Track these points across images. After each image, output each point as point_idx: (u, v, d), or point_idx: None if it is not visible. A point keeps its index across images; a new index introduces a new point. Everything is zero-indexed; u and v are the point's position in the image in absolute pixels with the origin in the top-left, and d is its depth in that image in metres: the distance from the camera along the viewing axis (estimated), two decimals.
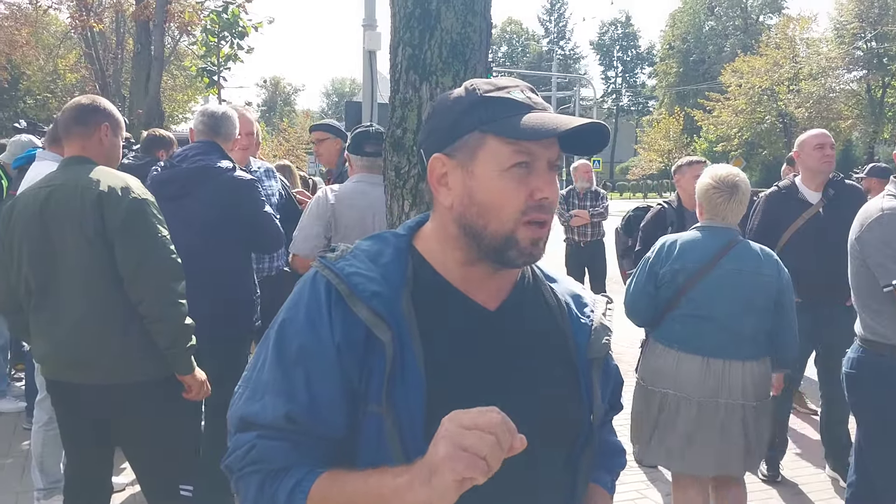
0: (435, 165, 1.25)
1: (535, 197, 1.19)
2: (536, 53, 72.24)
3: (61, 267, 2.69)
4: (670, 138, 43.02)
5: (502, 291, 1.29)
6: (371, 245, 1.28)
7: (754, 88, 37.72)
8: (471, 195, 1.21)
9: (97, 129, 2.84)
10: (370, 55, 10.46)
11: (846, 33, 38.46)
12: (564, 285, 1.40)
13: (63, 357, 2.72)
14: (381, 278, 1.21)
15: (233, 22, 12.25)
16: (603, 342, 1.34)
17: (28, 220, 2.73)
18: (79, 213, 2.66)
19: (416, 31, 2.59)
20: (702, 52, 57.12)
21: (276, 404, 1.18)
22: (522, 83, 1.26)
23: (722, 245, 3.16)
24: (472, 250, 1.23)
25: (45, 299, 2.73)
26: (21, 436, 5.08)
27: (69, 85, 33.21)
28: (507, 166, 1.19)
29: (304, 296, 1.23)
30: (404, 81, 2.66)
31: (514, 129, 1.17)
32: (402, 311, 1.19)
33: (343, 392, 1.18)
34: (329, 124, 5.37)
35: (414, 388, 1.16)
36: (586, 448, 1.32)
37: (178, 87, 32.24)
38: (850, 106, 37.83)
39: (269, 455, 1.17)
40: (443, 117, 1.26)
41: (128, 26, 23.60)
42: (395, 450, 1.14)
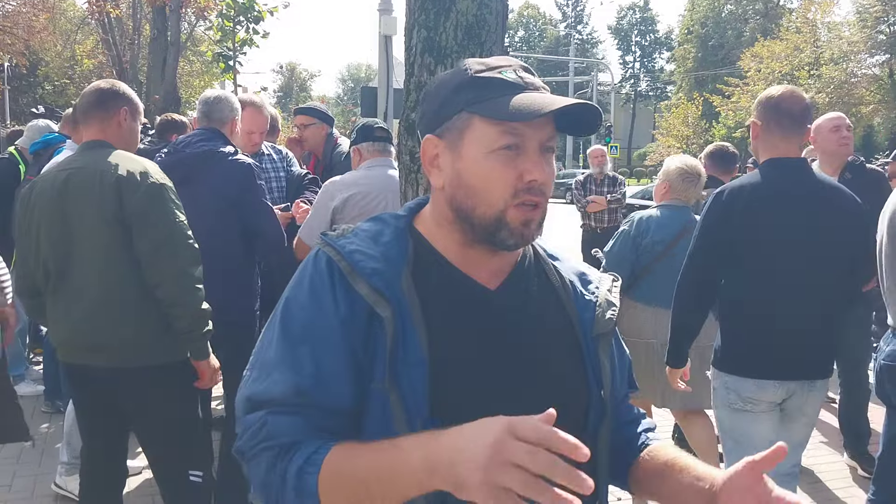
0: (427, 147, 1.24)
1: (524, 179, 1.17)
2: (554, 38, 71.75)
3: (79, 250, 2.70)
4: (689, 124, 42.65)
5: (503, 271, 1.28)
6: (371, 226, 1.27)
7: (774, 73, 37.25)
8: (459, 177, 1.20)
9: (116, 113, 2.85)
10: (386, 40, 10.43)
11: (868, 17, 37.83)
12: (568, 263, 1.39)
13: (79, 340, 2.73)
14: (382, 256, 1.20)
15: (248, 6, 12.22)
16: (608, 317, 1.32)
17: (47, 203, 2.75)
18: (98, 196, 2.66)
19: (431, 13, 2.57)
20: (721, 37, 56.49)
21: (283, 379, 1.16)
22: (516, 62, 1.23)
23: (686, 219, 3.80)
24: (467, 232, 1.23)
25: (63, 282, 2.74)
26: (39, 419, 5.13)
27: (86, 71, 33.35)
28: (495, 148, 1.17)
29: (308, 272, 1.23)
30: (419, 64, 2.64)
31: (499, 109, 1.15)
32: (403, 288, 1.18)
33: (349, 365, 1.16)
34: (315, 108, 5.22)
35: (416, 366, 1.15)
36: (601, 426, 1.30)
37: (195, 72, 32.31)
38: (871, 91, 37.28)
39: (279, 430, 1.14)
40: (434, 99, 1.25)
41: (144, 12, 23.60)
42: (400, 428, 1.13)
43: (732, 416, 2.90)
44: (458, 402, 1.17)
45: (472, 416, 1.16)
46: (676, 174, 3.90)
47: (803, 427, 2.94)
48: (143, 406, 2.84)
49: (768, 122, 2.87)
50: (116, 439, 3.02)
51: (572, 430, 1.27)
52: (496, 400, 1.19)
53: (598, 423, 1.30)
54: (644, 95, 71.89)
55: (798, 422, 2.92)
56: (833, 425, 4.94)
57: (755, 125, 2.95)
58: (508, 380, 1.22)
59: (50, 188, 2.75)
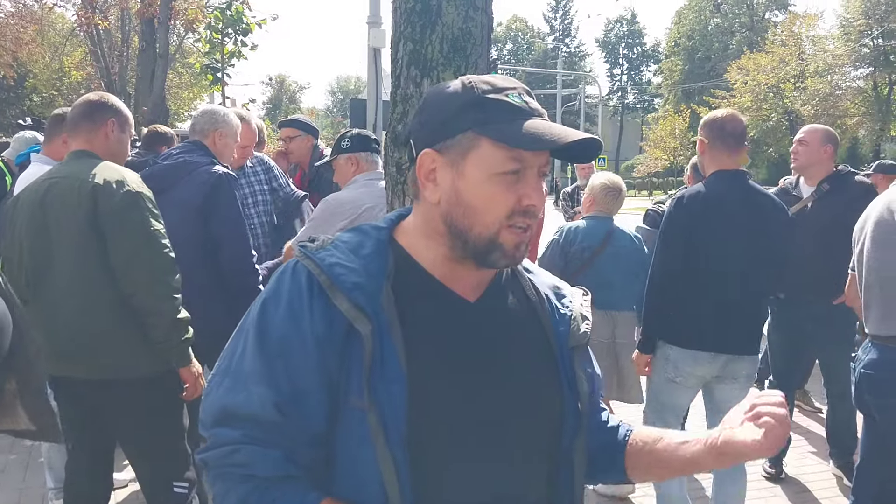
0: (424, 160, 1.24)
1: (522, 203, 1.20)
2: (542, 51, 72.12)
3: (57, 259, 2.70)
4: (676, 136, 42.92)
5: (482, 285, 1.30)
6: (352, 237, 1.27)
7: (760, 86, 37.62)
8: (458, 195, 1.21)
9: (104, 124, 2.87)
10: (375, 52, 10.45)
11: (852, 30, 38.26)
12: (542, 277, 1.41)
13: (59, 351, 2.71)
14: (363, 270, 1.20)
15: (236, 19, 12.25)
16: (582, 331, 1.35)
17: (28, 212, 2.76)
18: (75, 204, 2.67)
19: (416, 25, 2.58)
20: (707, 50, 56.95)
21: (262, 394, 1.16)
22: (520, 85, 1.24)
23: (608, 230, 4.30)
24: (458, 248, 1.23)
25: (41, 292, 2.74)
26: None
27: (75, 83, 33.26)
28: (500, 171, 1.18)
29: (286, 285, 1.22)
30: (405, 77, 2.65)
31: (514, 136, 1.17)
32: (383, 303, 1.18)
33: (322, 384, 1.17)
34: (299, 120, 5.22)
35: (395, 382, 1.15)
36: (577, 437, 1.32)
37: (184, 84, 32.29)
38: (856, 103, 37.66)
39: (255, 461, 1.15)
40: (437, 111, 1.24)
41: (133, 24, 23.60)
42: (379, 445, 1.14)
43: (664, 385, 3.42)
44: (437, 417, 1.18)
45: (450, 429, 1.18)
46: (600, 189, 4.39)
47: (738, 391, 3.32)
48: (127, 418, 2.82)
49: (714, 140, 3.36)
50: (102, 452, 3.00)
51: (547, 440, 1.30)
52: (474, 412, 1.21)
53: (574, 433, 1.32)
54: (631, 108, 72.30)
55: (731, 385, 3.38)
56: (820, 434, 4.97)
57: (702, 143, 3.43)
58: (486, 392, 1.23)
59: (32, 196, 2.76)
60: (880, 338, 2.98)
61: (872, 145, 40.71)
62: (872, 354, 3.00)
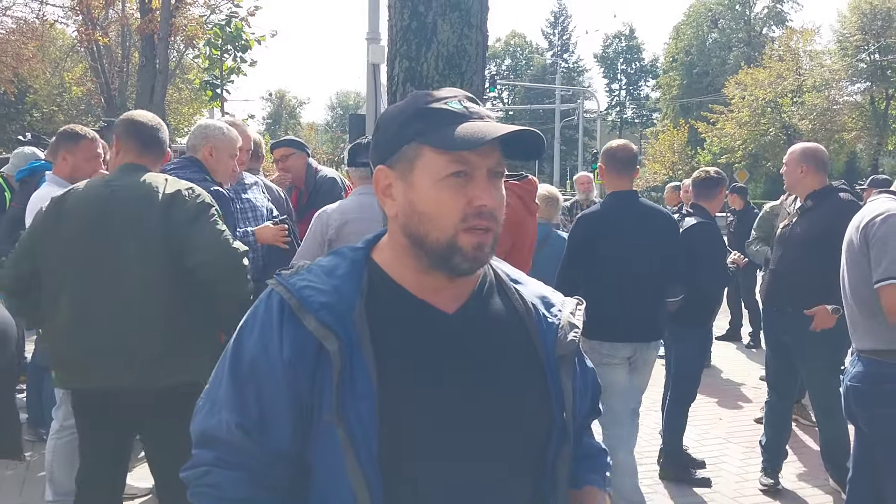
0: (379, 177, 1.28)
1: (473, 204, 1.21)
2: (540, 66, 72.38)
3: (122, 267, 2.74)
4: (675, 150, 43.01)
5: (462, 295, 1.31)
6: (329, 261, 1.31)
7: (758, 100, 37.72)
8: (412, 205, 1.24)
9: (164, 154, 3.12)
10: (374, 68, 10.52)
11: (849, 46, 38.46)
12: (531, 287, 1.41)
13: (107, 361, 2.73)
14: (333, 290, 1.23)
15: (236, 35, 12.32)
16: (570, 339, 1.34)
17: (84, 218, 2.80)
18: (145, 214, 2.75)
19: (412, 43, 2.61)
20: (705, 65, 57.17)
21: (230, 419, 1.24)
22: (462, 92, 1.28)
23: (546, 232, 4.88)
24: (422, 258, 1.25)
25: (94, 298, 2.75)
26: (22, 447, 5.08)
27: (75, 98, 33.36)
28: (443, 175, 1.21)
29: (259, 313, 1.27)
30: (401, 93, 2.68)
31: (446, 139, 1.20)
32: (354, 321, 1.20)
33: (291, 407, 1.21)
34: (292, 139, 5.28)
35: (365, 398, 1.17)
36: (562, 448, 1.32)
37: (184, 100, 32.40)
38: (853, 118, 37.80)
39: (224, 484, 1.24)
40: (385, 129, 1.29)
41: (133, 40, 23.72)
42: (349, 460, 1.16)
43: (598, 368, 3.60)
44: (411, 433, 1.19)
45: (426, 445, 1.19)
46: (540, 198, 4.59)
47: (645, 374, 4.06)
48: (166, 425, 2.83)
49: (608, 165, 4.05)
50: (120, 462, 3.02)
51: (533, 452, 1.30)
52: (453, 426, 1.22)
53: (560, 446, 1.32)
54: (630, 122, 72.48)
55: (641, 370, 4.01)
56: (816, 449, 4.96)
57: (601, 168, 4.12)
58: (467, 404, 1.24)
59: (90, 203, 2.82)
60: (865, 351, 3.05)
61: (870, 159, 40.85)
62: (859, 367, 3.07)
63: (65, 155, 3.79)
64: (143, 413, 2.85)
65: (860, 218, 3.11)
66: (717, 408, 6.42)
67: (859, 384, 3.05)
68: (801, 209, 4.40)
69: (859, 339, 3.09)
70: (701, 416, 6.04)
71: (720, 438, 5.61)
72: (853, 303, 3.12)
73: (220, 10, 14.66)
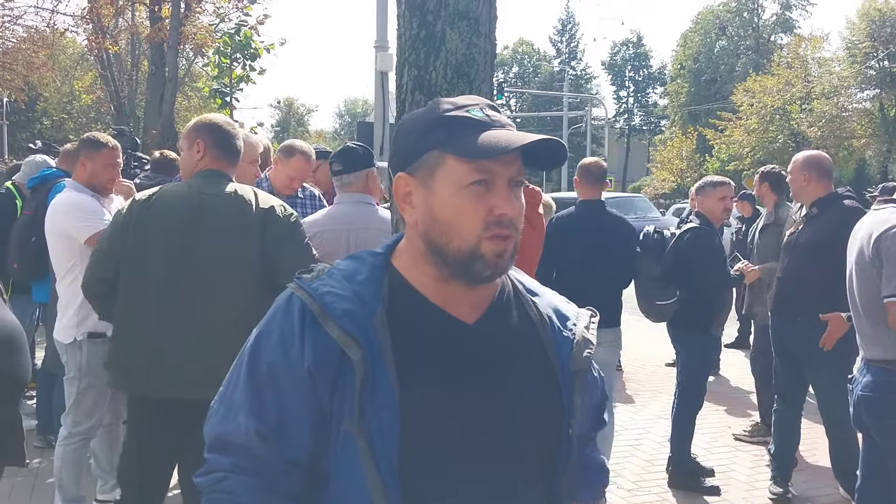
0: (399, 185, 1.27)
1: (494, 213, 1.20)
2: (548, 74, 72.39)
3: (205, 280, 2.75)
4: (683, 157, 42.93)
5: (480, 305, 1.30)
6: (348, 265, 1.29)
7: (766, 108, 37.63)
8: (432, 213, 1.23)
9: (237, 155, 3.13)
10: (382, 76, 10.55)
11: (858, 52, 38.33)
12: (547, 298, 1.40)
13: (192, 372, 2.68)
14: (355, 296, 1.22)
15: (245, 44, 12.37)
16: (584, 355, 1.34)
17: (173, 225, 2.81)
18: (240, 226, 2.78)
19: (421, 52, 2.63)
20: (713, 72, 57.08)
21: (248, 424, 1.22)
22: (483, 100, 1.28)
23: None
24: (441, 267, 1.24)
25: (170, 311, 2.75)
26: (31, 454, 5.09)
27: (85, 106, 33.58)
28: (465, 184, 1.20)
29: (278, 317, 1.25)
30: (410, 102, 2.69)
31: (469, 148, 1.19)
32: (376, 328, 1.20)
33: (310, 415, 1.20)
34: (318, 149, 5.24)
35: (386, 408, 1.16)
36: (571, 460, 1.32)
37: (193, 107, 32.54)
38: (863, 125, 37.63)
39: (240, 490, 1.22)
40: (406, 137, 1.28)
41: (143, 48, 23.88)
42: (368, 469, 1.15)
43: None
44: (431, 443, 1.19)
45: (446, 456, 1.18)
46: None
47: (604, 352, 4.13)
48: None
49: (581, 178, 4.68)
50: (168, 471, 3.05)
51: (546, 465, 1.30)
52: (472, 438, 1.21)
53: (569, 458, 1.32)
54: (638, 130, 72.36)
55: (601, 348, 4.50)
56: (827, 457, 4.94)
57: (577, 180, 4.73)
58: (483, 415, 1.23)
59: (182, 206, 2.84)
60: (875, 361, 3.04)
61: (880, 166, 40.66)
62: (868, 377, 3.06)
63: (84, 161, 3.86)
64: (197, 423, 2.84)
65: (871, 229, 3.09)
66: (725, 416, 6.40)
67: (870, 394, 3.03)
68: (806, 217, 4.40)
69: (868, 349, 3.08)
70: (710, 424, 6.02)
71: (729, 447, 5.59)
72: (862, 312, 3.11)
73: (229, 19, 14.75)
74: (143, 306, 2.80)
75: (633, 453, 5.40)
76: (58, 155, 5.59)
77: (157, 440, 2.92)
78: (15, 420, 3.16)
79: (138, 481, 2.98)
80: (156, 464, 2.96)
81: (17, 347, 2.91)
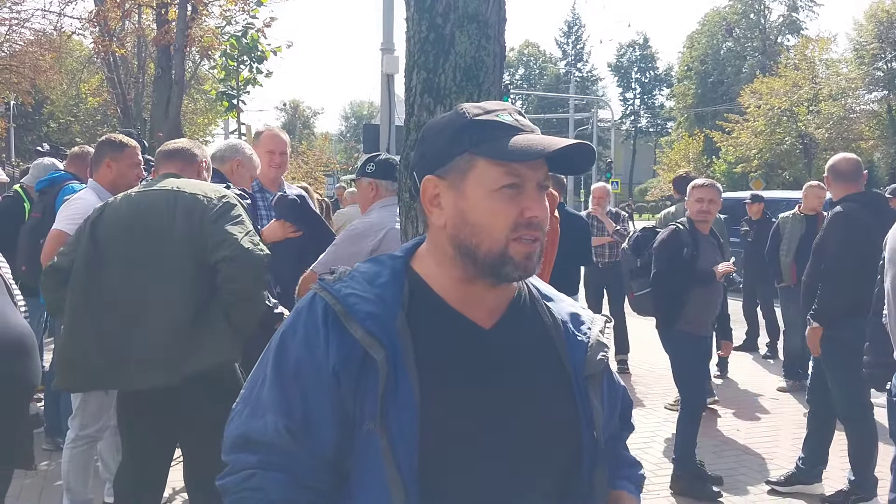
0: (427, 187, 1.29)
1: (524, 216, 1.22)
2: (554, 76, 72.46)
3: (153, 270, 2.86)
4: (690, 159, 42.89)
5: (498, 309, 1.31)
6: (369, 268, 1.31)
7: (773, 109, 37.57)
8: (463, 215, 1.24)
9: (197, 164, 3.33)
10: (388, 78, 10.57)
11: (866, 54, 38.25)
12: (561, 304, 1.41)
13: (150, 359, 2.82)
14: (377, 299, 1.24)
15: (252, 46, 12.37)
16: (598, 358, 1.35)
17: (118, 221, 2.94)
18: (169, 216, 2.88)
19: (430, 55, 2.62)
20: (720, 74, 57.04)
21: (277, 422, 1.22)
22: (510, 106, 1.29)
23: None
24: (469, 268, 1.26)
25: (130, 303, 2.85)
26: (39, 456, 5.10)
27: (91, 109, 33.69)
28: (497, 187, 1.22)
29: (303, 316, 1.26)
30: (419, 105, 2.68)
31: (503, 151, 1.21)
32: (398, 330, 1.21)
33: (335, 412, 1.21)
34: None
35: (407, 409, 1.18)
36: (597, 466, 1.32)
37: (199, 110, 32.65)
38: (871, 126, 37.56)
39: (268, 486, 1.21)
40: (434, 140, 1.29)
41: (149, 51, 23.93)
42: (389, 469, 1.16)
43: None
44: (449, 444, 1.20)
45: (463, 455, 1.20)
46: None
47: None
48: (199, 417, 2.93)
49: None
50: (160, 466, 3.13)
51: (564, 470, 1.30)
52: (488, 437, 1.22)
53: (594, 464, 1.32)
54: (644, 131, 72.37)
55: None
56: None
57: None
58: (500, 420, 1.24)
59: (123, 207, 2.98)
60: None
61: (888, 168, 40.51)
62: None
63: (109, 162, 3.94)
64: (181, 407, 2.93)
65: None
66: (733, 419, 6.36)
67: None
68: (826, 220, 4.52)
69: None
70: (718, 428, 6.00)
71: (737, 450, 5.56)
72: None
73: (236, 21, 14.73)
74: (93, 302, 2.91)
75: (641, 457, 5.36)
76: (65, 158, 5.60)
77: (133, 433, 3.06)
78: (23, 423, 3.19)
79: (133, 479, 3.09)
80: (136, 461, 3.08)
81: (25, 352, 2.92)
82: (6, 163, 25.00)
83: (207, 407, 2.82)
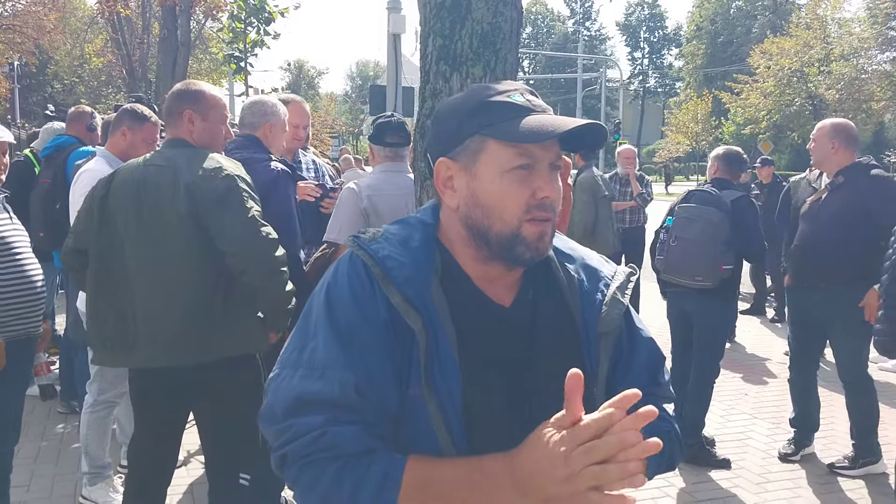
0: (440, 169, 1.29)
1: (536, 196, 1.22)
2: (562, 34, 71.60)
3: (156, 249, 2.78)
4: (698, 120, 42.52)
5: (514, 285, 1.32)
6: (400, 229, 1.31)
7: (783, 70, 37.11)
8: (475, 197, 1.25)
9: (180, 116, 2.95)
10: (394, 38, 10.45)
11: (879, 13, 37.59)
12: (581, 261, 1.39)
13: (161, 340, 2.77)
14: (412, 262, 1.24)
15: (259, 8, 12.25)
16: (614, 316, 1.33)
17: (125, 198, 2.83)
18: (171, 194, 2.75)
19: (446, 21, 2.58)
20: (730, 34, 56.27)
21: (343, 378, 1.17)
22: (522, 86, 1.28)
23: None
24: (483, 249, 1.26)
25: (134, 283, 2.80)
26: (56, 419, 5.18)
27: (96, 69, 33.48)
28: (509, 168, 1.22)
29: (346, 274, 1.25)
30: (434, 72, 2.66)
31: (514, 132, 1.20)
32: (433, 297, 1.22)
33: (392, 368, 1.20)
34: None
35: (451, 375, 1.19)
36: None
37: (204, 70, 32.40)
38: (882, 87, 37.06)
39: (343, 440, 1.15)
40: (446, 122, 1.29)
41: (154, 11, 23.69)
42: (441, 433, 1.18)
43: None
44: (484, 410, 1.22)
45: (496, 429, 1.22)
46: None
47: None
48: (213, 401, 2.91)
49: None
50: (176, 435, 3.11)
51: None
52: (515, 405, 1.25)
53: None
54: (652, 92, 71.67)
55: None
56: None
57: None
58: (522, 396, 1.26)
59: (129, 182, 2.85)
60: None
61: None
62: None
63: (125, 131, 3.81)
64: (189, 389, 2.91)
65: None
66: (742, 383, 6.40)
67: None
68: (831, 185, 4.38)
69: None
70: (726, 392, 6.03)
71: (746, 414, 5.60)
72: None
73: None
74: (108, 279, 2.86)
75: None
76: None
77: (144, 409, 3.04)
78: None
79: (146, 448, 3.08)
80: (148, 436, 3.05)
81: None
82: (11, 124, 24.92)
83: (221, 381, 2.82)
